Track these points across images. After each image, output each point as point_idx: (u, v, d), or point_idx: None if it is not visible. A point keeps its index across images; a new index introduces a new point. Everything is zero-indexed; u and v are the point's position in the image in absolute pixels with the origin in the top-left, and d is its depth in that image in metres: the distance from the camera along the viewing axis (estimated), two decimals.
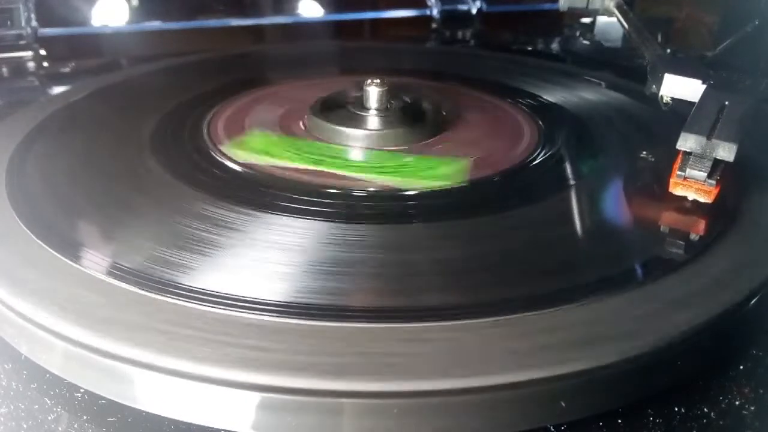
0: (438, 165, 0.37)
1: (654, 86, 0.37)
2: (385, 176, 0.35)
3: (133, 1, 0.70)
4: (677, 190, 0.32)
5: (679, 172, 0.32)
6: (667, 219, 0.32)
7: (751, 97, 0.33)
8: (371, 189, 0.34)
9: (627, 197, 0.35)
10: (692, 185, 0.32)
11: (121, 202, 0.32)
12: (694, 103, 0.33)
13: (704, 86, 0.34)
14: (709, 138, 0.31)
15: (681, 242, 0.30)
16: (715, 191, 0.31)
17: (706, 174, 0.31)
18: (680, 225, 0.31)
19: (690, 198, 0.32)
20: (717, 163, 0.31)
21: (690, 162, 0.32)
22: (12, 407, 0.23)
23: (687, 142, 0.31)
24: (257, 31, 0.74)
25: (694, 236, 0.30)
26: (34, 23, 0.61)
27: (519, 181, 0.36)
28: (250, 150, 0.37)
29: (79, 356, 0.22)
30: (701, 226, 0.31)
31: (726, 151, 0.31)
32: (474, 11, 0.78)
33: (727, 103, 0.32)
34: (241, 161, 0.36)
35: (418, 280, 0.27)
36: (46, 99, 0.49)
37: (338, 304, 0.25)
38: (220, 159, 0.36)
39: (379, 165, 0.37)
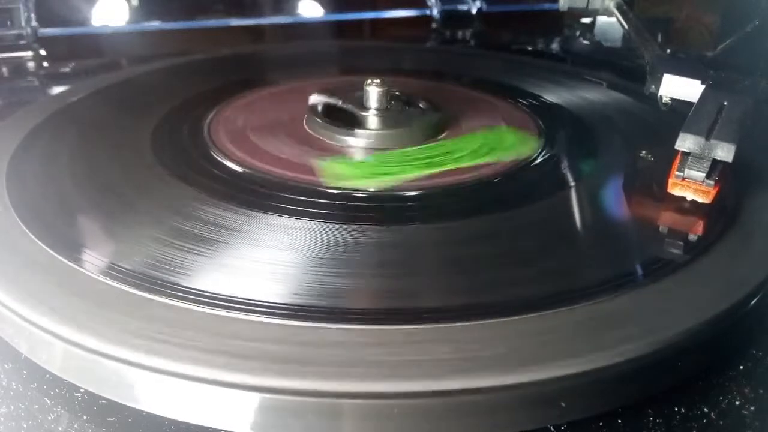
0: (503, 136, 0.40)
1: (653, 86, 0.37)
2: (485, 158, 0.37)
3: (133, 1, 0.70)
4: (676, 191, 0.32)
5: (677, 173, 0.32)
6: (666, 219, 0.32)
7: (750, 98, 0.33)
8: (371, 189, 0.34)
9: (627, 197, 0.35)
10: (691, 185, 0.32)
11: (121, 202, 0.32)
12: (694, 103, 0.33)
13: (703, 86, 0.34)
14: (707, 138, 0.31)
15: (680, 242, 0.30)
16: (713, 191, 0.31)
17: (704, 174, 0.31)
18: (679, 225, 0.31)
19: (689, 198, 0.32)
20: (715, 163, 0.31)
21: (689, 162, 0.32)
22: (12, 407, 0.23)
23: (685, 143, 0.31)
24: (257, 31, 0.74)
25: (692, 236, 0.30)
26: (34, 23, 0.61)
27: (519, 182, 0.36)
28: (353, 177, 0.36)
29: (79, 356, 0.22)
30: (700, 226, 0.31)
31: (724, 152, 0.31)
32: (474, 11, 0.78)
33: (726, 103, 0.32)
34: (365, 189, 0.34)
35: (417, 281, 0.27)
36: (46, 99, 0.49)
37: (338, 305, 0.25)
38: (220, 159, 0.36)
39: (462, 153, 0.38)
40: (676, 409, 0.23)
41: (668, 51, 0.46)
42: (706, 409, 0.24)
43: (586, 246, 0.31)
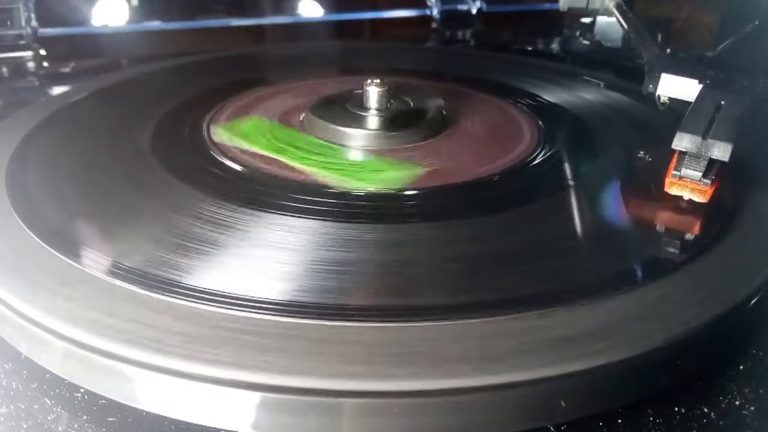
0: (388, 168, 0.36)
1: (651, 86, 0.37)
2: (328, 171, 0.35)
3: (133, 1, 0.70)
4: (672, 190, 0.32)
5: (674, 172, 0.32)
6: (663, 219, 0.32)
7: (748, 97, 0.33)
8: (370, 189, 0.34)
9: (624, 197, 0.35)
10: (687, 185, 0.32)
11: (122, 201, 0.32)
12: (692, 102, 0.33)
13: (701, 86, 0.34)
14: (704, 137, 0.31)
15: (677, 242, 0.30)
16: (710, 191, 0.31)
17: (701, 173, 0.31)
18: (676, 225, 0.31)
19: (685, 197, 0.32)
20: (712, 162, 0.31)
21: (685, 161, 0.32)
22: (12, 407, 0.23)
23: (682, 142, 0.31)
24: (257, 31, 0.74)
25: (690, 236, 0.31)
26: (34, 23, 0.61)
27: (519, 181, 0.36)
28: (233, 132, 0.39)
29: (79, 356, 0.23)
30: (697, 225, 0.31)
31: (721, 151, 0.31)
32: (474, 11, 0.78)
33: (723, 102, 0.32)
34: (215, 140, 0.38)
35: (417, 280, 0.27)
36: (46, 99, 0.49)
37: (337, 304, 0.25)
38: (220, 159, 0.36)
39: (331, 161, 0.37)
40: (676, 409, 0.23)
41: (668, 51, 0.46)
42: (706, 409, 0.24)
43: (585, 245, 0.31)
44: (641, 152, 0.38)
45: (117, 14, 0.69)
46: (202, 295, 0.24)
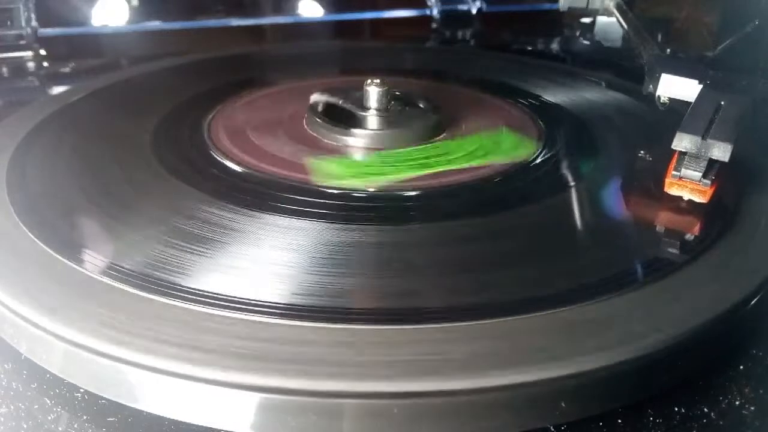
0: (501, 140, 0.39)
1: (651, 86, 0.37)
2: (479, 160, 0.37)
3: (133, 1, 0.70)
4: (672, 190, 0.32)
5: (674, 172, 0.32)
6: (663, 219, 0.32)
7: (748, 97, 0.33)
8: (371, 189, 0.34)
9: (625, 197, 0.35)
10: (687, 185, 0.32)
11: (121, 202, 0.32)
12: (692, 102, 0.33)
13: (701, 86, 0.34)
14: (704, 138, 0.31)
15: (677, 242, 0.30)
16: (710, 191, 0.31)
17: (701, 174, 0.31)
18: (676, 225, 0.31)
19: (685, 198, 0.32)
20: (712, 163, 0.31)
21: (685, 162, 0.32)
22: (12, 407, 0.23)
23: (682, 142, 0.32)
24: (257, 31, 0.74)
25: (689, 236, 0.31)
26: (34, 23, 0.61)
27: (518, 182, 0.36)
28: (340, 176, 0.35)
29: (79, 357, 0.22)
30: (697, 226, 0.31)
31: (721, 151, 0.31)
32: (474, 11, 0.78)
33: (723, 102, 0.32)
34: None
35: (417, 281, 0.27)
36: (46, 99, 0.49)
37: (338, 305, 0.25)
38: (220, 159, 0.36)
39: (457, 154, 0.37)
40: (676, 409, 0.23)
41: (668, 51, 0.46)
42: (706, 409, 0.24)
43: (585, 246, 0.31)
44: (641, 152, 0.38)
45: (117, 14, 0.69)
46: (201, 297, 0.24)
